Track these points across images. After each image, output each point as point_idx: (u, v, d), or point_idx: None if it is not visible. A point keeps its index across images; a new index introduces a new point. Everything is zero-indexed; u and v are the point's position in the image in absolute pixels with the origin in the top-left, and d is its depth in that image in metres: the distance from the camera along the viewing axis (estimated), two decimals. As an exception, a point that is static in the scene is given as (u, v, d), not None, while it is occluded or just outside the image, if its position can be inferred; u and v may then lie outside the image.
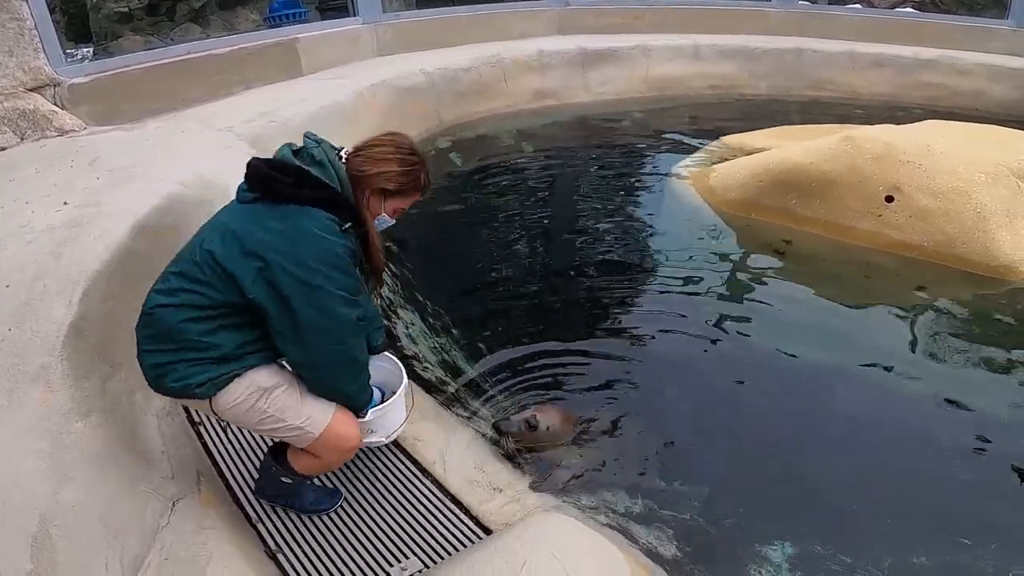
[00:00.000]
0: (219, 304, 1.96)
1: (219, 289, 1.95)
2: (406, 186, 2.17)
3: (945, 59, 8.06)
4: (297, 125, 5.10)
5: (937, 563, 2.39)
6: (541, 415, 2.87)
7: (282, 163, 2.01)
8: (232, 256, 1.94)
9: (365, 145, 2.17)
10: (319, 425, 2.14)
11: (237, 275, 1.92)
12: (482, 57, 7.51)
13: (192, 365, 1.96)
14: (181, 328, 1.94)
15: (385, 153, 2.13)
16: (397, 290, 4.16)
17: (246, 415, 2.07)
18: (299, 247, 1.93)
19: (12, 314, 2.28)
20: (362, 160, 2.12)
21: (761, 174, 5.06)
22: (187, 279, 1.97)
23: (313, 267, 1.93)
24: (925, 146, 4.56)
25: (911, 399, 3.25)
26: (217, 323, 1.98)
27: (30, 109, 4.33)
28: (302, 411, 2.12)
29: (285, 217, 1.96)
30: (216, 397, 2.01)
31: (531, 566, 2.01)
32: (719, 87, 8.41)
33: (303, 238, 1.94)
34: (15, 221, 2.80)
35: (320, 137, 2.15)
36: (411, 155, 2.18)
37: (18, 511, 1.84)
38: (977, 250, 4.19)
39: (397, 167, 2.12)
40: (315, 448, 2.19)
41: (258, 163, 2.03)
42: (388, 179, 2.12)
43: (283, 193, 1.97)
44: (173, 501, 2.29)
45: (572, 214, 5.31)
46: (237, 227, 1.97)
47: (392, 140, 2.18)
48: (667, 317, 3.87)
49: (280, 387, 2.09)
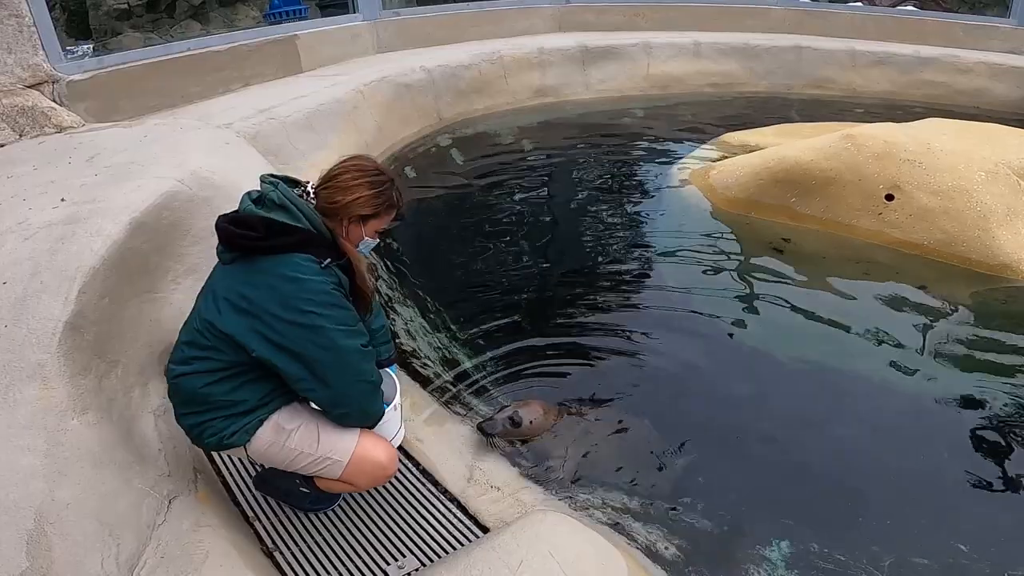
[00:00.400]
0: (232, 364, 2.02)
1: (226, 352, 2.00)
2: (381, 207, 2.15)
3: (946, 57, 8.05)
4: (296, 122, 5.10)
5: (936, 563, 2.38)
6: (523, 410, 2.87)
7: (246, 218, 1.99)
8: (227, 320, 1.98)
9: (330, 176, 2.13)
10: (346, 451, 2.16)
11: (236, 336, 1.97)
12: (482, 54, 7.50)
13: (222, 420, 2.06)
14: (205, 393, 2.03)
15: (353, 180, 2.10)
16: (396, 287, 4.16)
17: (279, 455, 2.14)
18: (287, 296, 1.94)
19: (8, 310, 2.27)
20: (331, 191, 2.10)
21: (761, 172, 5.04)
22: (196, 347, 2.04)
23: (307, 310, 1.95)
24: (926, 144, 4.55)
25: (911, 397, 3.24)
26: (238, 381, 2.04)
27: (28, 106, 4.32)
28: (325, 442, 2.15)
29: (266, 270, 1.97)
30: (250, 444, 2.10)
31: (528, 565, 2.01)
32: (719, 85, 8.40)
33: (288, 286, 1.95)
34: (12, 217, 2.79)
35: (276, 177, 2.11)
36: (379, 176, 2.16)
37: (13, 508, 1.84)
38: (977, 248, 4.19)
39: (368, 191, 2.10)
40: (347, 476, 2.20)
41: (224, 224, 2.03)
42: (362, 204, 2.10)
43: (257, 248, 1.97)
44: (169, 499, 2.28)
45: (572, 211, 5.31)
46: (224, 291, 2.01)
47: (356, 165, 2.15)
48: (666, 315, 3.86)
49: (300, 424, 2.14)
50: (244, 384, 2.05)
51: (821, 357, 3.51)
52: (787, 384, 3.37)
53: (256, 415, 2.08)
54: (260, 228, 1.96)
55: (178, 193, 3.03)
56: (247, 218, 1.99)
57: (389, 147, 6.20)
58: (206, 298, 2.08)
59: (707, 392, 3.29)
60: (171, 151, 3.49)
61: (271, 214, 1.98)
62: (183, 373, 2.04)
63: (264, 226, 1.96)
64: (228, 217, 2.05)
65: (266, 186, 2.05)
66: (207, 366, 2.02)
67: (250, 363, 2.02)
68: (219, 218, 2.06)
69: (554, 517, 2.28)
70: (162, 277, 2.89)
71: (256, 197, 2.05)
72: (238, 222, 2.00)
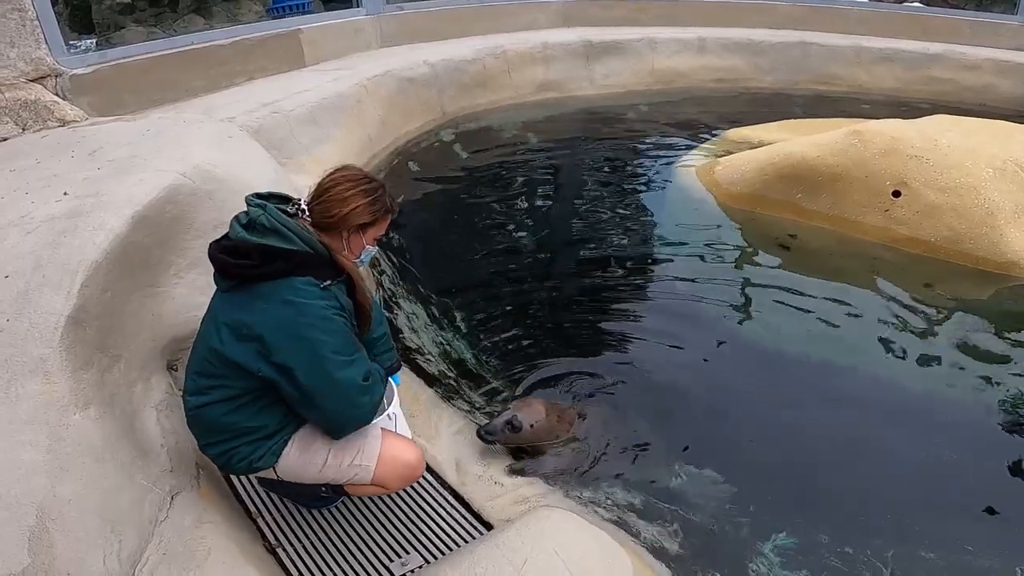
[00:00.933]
0: (247, 391, 2.01)
1: (237, 379, 1.99)
2: (378, 213, 2.13)
3: (953, 54, 8.01)
4: (299, 116, 5.08)
5: (941, 556, 2.38)
6: (523, 413, 2.77)
7: (241, 247, 1.95)
8: (231, 348, 1.95)
9: (322, 190, 2.09)
10: (373, 456, 2.17)
11: (240, 362, 1.95)
12: (486, 49, 7.48)
13: (248, 445, 2.06)
14: (228, 421, 2.03)
15: (346, 191, 2.06)
16: (398, 282, 4.14)
17: (307, 470, 2.14)
18: (287, 321, 1.92)
19: (11, 304, 2.25)
20: (327, 205, 2.06)
21: (767, 168, 5.02)
22: (207, 376, 2.02)
23: (306, 336, 1.92)
24: (932, 141, 4.52)
25: (917, 394, 3.23)
26: (256, 406, 2.03)
27: (31, 99, 4.30)
28: (351, 451, 2.16)
29: (265, 295, 1.94)
30: (277, 464, 2.10)
31: (533, 563, 2.00)
32: (724, 80, 8.37)
33: (287, 310, 1.92)
34: (15, 211, 2.77)
35: (262, 199, 2.06)
36: (371, 183, 2.13)
37: (15, 504, 1.82)
38: (985, 246, 4.16)
39: (363, 199, 2.08)
40: (378, 479, 2.20)
41: (216, 254, 1.99)
42: (360, 214, 2.08)
43: (254, 276, 1.94)
44: (172, 495, 2.26)
45: (576, 206, 5.28)
46: (225, 319, 1.99)
47: (345, 176, 2.11)
48: (670, 310, 3.85)
49: (322, 437, 2.13)
50: (263, 409, 2.04)
51: (827, 354, 3.49)
52: (792, 380, 3.36)
53: (280, 436, 2.08)
54: (256, 256, 1.92)
55: (181, 187, 3.01)
56: (241, 246, 1.95)
57: (392, 141, 6.19)
58: (208, 327, 2.05)
59: (711, 388, 3.27)
60: (174, 145, 3.47)
61: (264, 240, 1.93)
62: (202, 404, 2.03)
63: (259, 253, 1.92)
64: (220, 246, 2.01)
65: (255, 209, 1.98)
66: (223, 394, 2.00)
67: (263, 387, 2.00)
68: (211, 246, 2.02)
69: (559, 514, 2.26)
70: (164, 271, 2.88)
71: (246, 222, 1.99)
72: (232, 251, 1.96)
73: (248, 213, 2.00)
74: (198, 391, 2.04)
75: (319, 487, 2.31)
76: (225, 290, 2.03)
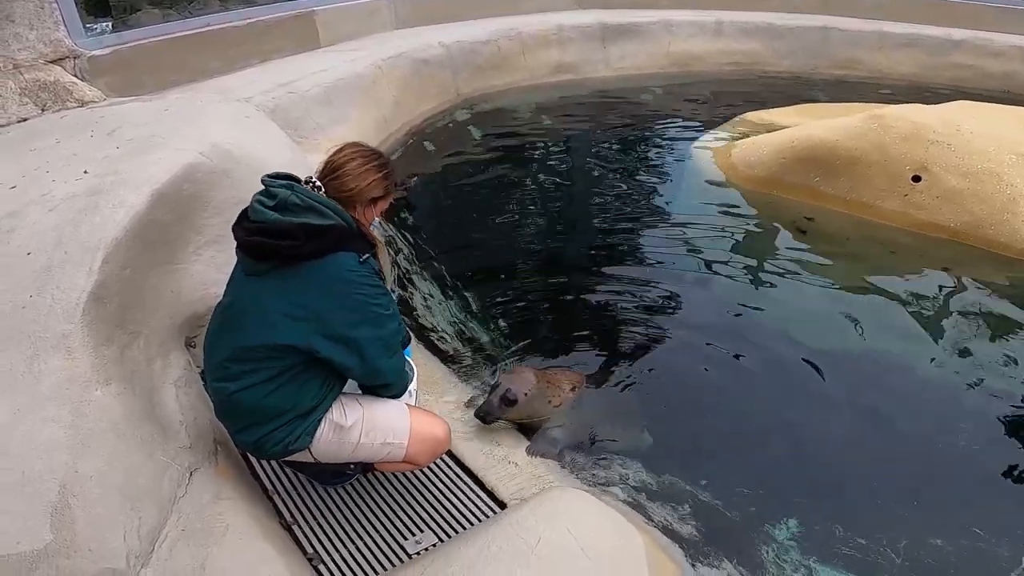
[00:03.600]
0: (285, 369, 2.00)
1: (280, 359, 1.98)
2: (389, 187, 2.19)
3: (977, 40, 7.86)
4: (315, 96, 5.08)
5: (954, 547, 2.37)
6: (515, 385, 2.72)
7: (282, 228, 1.92)
8: (285, 332, 1.94)
9: (336, 166, 2.09)
10: (404, 433, 2.20)
11: (298, 344, 1.95)
12: (500, 30, 7.45)
13: (283, 428, 2.05)
14: (268, 403, 2.02)
15: (362, 166, 2.10)
16: (414, 261, 4.15)
17: (340, 450, 2.16)
18: (343, 295, 1.96)
19: (33, 281, 2.28)
20: (343, 181, 2.07)
21: (785, 151, 4.98)
22: (242, 362, 2.00)
23: (364, 301, 1.99)
24: (955, 126, 4.46)
25: (933, 381, 3.20)
26: (298, 382, 2.03)
27: (51, 81, 4.33)
28: (383, 429, 2.18)
29: (314, 275, 1.94)
30: (312, 446, 2.10)
31: (546, 542, 2.00)
32: (742, 64, 8.28)
33: (342, 286, 1.96)
34: (36, 190, 2.79)
35: (280, 179, 2.05)
36: (380, 158, 2.18)
37: (37, 480, 1.84)
38: (1006, 232, 4.11)
39: (377, 174, 2.12)
40: (410, 456, 2.23)
41: (256, 240, 1.96)
42: (374, 188, 2.11)
43: (300, 256, 1.94)
44: (190, 471, 2.29)
45: (591, 187, 5.26)
46: (272, 304, 1.96)
47: (357, 151, 2.13)
48: (685, 292, 3.83)
49: (356, 418, 2.16)
50: (303, 385, 2.03)
51: (842, 338, 3.47)
52: (807, 365, 3.33)
53: (314, 416, 2.09)
54: (300, 235, 1.91)
55: (199, 165, 3.02)
56: (280, 226, 1.93)
57: (407, 121, 6.18)
58: (250, 315, 2.00)
59: (724, 371, 3.26)
60: (192, 124, 3.48)
61: (302, 218, 1.93)
62: (240, 389, 2.00)
63: (303, 232, 1.92)
64: (251, 228, 1.97)
65: (282, 190, 1.97)
66: (261, 376, 1.99)
67: (304, 363, 2.00)
68: (238, 232, 2.01)
69: (572, 494, 2.27)
70: (183, 248, 2.89)
71: (274, 204, 1.96)
72: (270, 232, 1.93)
73: (273, 194, 1.98)
74: (230, 377, 2.01)
75: (347, 464, 2.35)
76: (260, 273, 1.99)
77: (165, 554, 2.00)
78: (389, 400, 2.25)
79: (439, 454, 2.37)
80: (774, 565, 2.30)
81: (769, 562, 2.31)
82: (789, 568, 2.29)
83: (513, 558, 1.96)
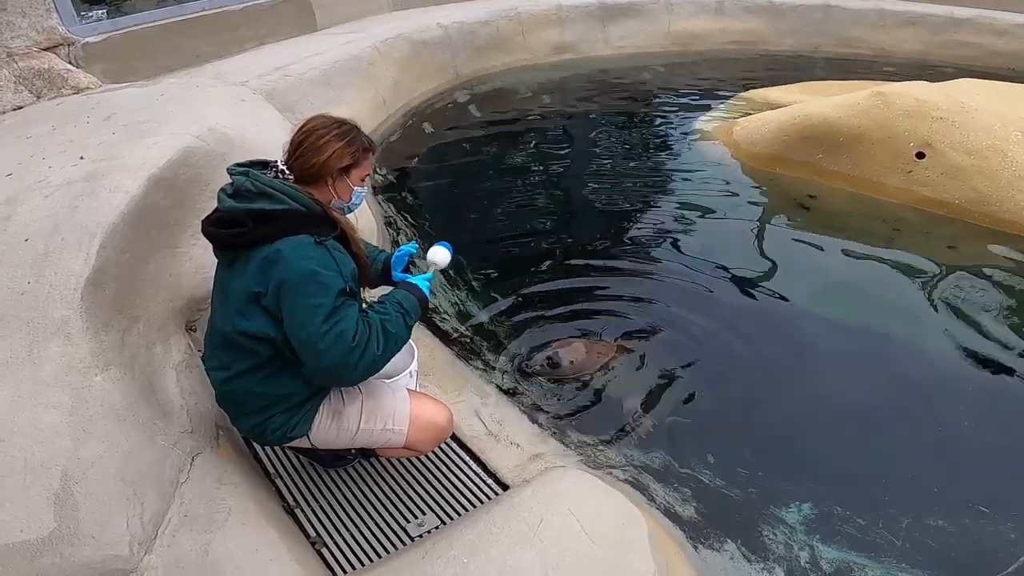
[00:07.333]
0: (272, 356, 1.98)
1: (263, 348, 1.96)
2: (358, 154, 2.09)
3: (982, 18, 7.75)
4: (312, 79, 5.05)
5: (954, 527, 2.35)
6: (563, 351, 2.96)
7: (233, 216, 1.91)
8: (254, 322, 1.92)
9: (296, 144, 2.04)
10: (403, 419, 2.18)
11: (257, 331, 1.92)
12: (499, 11, 7.38)
13: (281, 415, 2.05)
14: (260, 390, 2.02)
15: (320, 138, 2.02)
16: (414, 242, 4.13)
17: (339, 438, 2.15)
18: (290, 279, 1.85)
19: (31, 267, 2.27)
20: (304, 158, 2.02)
21: (787, 128, 4.94)
22: (230, 349, 2.00)
23: (307, 271, 1.85)
24: (960, 103, 4.41)
25: (938, 359, 3.18)
26: (287, 372, 2.01)
27: (45, 68, 4.31)
28: (382, 415, 2.17)
29: (264, 259, 1.89)
30: (310, 432, 2.10)
31: (548, 523, 2.01)
32: (743, 43, 8.18)
33: (284, 263, 1.86)
34: (33, 176, 2.78)
35: (242, 166, 2.03)
36: (342, 126, 2.08)
37: (40, 468, 1.84)
38: (1011, 208, 4.07)
39: (339, 142, 2.03)
40: (411, 443, 2.22)
41: (211, 229, 1.96)
42: (339, 157, 2.03)
43: (253, 242, 1.91)
44: (192, 456, 2.29)
45: (592, 167, 5.23)
46: (234, 291, 1.95)
47: (316, 124, 2.06)
48: (689, 271, 3.81)
49: (354, 405, 2.15)
50: (294, 375, 2.01)
51: (846, 316, 3.45)
52: (809, 344, 3.32)
53: (312, 402, 2.09)
54: (248, 221, 1.89)
55: (196, 149, 3.00)
56: (231, 215, 1.92)
57: (406, 103, 6.15)
58: (219, 303, 2.04)
59: (729, 350, 3.24)
60: (188, 108, 3.46)
61: (253, 204, 1.90)
62: (232, 376, 2.01)
63: (251, 218, 1.89)
64: (211, 219, 1.99)
65: (238, 177, 1.96)
66: (250, 363, 1.98)
67: (289, 352, 1.96)
68: (203, 223, 2.00)
69: (574, 475, 2.27)
70: (181, 232, 2.88)
71: (232, 191, 1.96)
72: (223, 222, 1.94)
73: (232, 183, 1.97)
74: (223, 366, 2.03)
75: (348, 450, 2.34)
76: (229, 263, 2.00)
77: (168, 540, 2.00)
78: (389, 385, 2.24)
79: (441, 441, 2.34)
80: (778, 545, 2.30)
81: (773, 542, 2.30)
82: (793, 548, 2.28)
83: (515, 540, 1.97)
